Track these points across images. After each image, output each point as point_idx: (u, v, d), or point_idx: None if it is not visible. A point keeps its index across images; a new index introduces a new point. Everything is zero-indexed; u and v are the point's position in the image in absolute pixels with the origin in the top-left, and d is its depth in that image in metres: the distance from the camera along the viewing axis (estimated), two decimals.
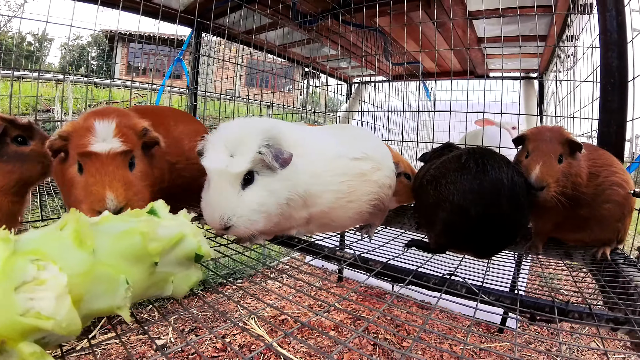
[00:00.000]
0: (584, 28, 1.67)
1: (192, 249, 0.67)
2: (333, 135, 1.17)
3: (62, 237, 0.54)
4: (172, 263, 0.65)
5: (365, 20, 2.06)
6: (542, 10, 1.83)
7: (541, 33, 2.25)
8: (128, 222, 0.62)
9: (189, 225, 0.69)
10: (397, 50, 2.67)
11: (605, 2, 1.21)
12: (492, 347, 2.43)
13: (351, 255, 1.06)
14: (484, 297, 0.86)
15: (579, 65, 1.76)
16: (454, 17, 1.96)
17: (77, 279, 0.51)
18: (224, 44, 2.66)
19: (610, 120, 1.23)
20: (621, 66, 1.20)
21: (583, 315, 0.79)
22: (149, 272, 0.60)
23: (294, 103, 3.77)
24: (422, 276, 0.96)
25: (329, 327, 2.57)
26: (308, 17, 2.11)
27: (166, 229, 0.64)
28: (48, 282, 0.47)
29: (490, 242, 0.97)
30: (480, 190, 0.92)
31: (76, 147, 0.82)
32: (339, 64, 3.41)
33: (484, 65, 2.89)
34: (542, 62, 2.83)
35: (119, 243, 0.58)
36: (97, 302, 0.54)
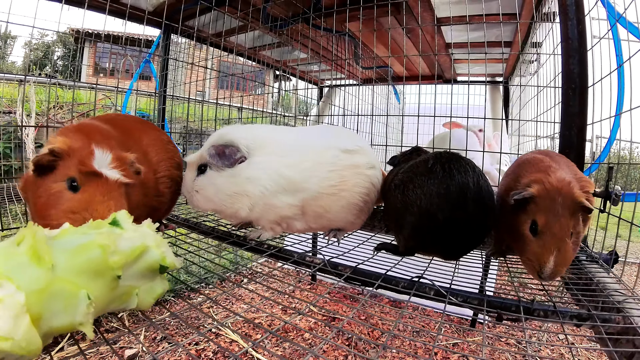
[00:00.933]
0: (547, 35, 1.74)
1: (156, 260, 0.66)
2: (322, 132, 1.25)
3: (18, 254, 0.52)
4: (135, 276, 0.64)
5: (335, 25, 2.08)
6: (507, 18, 1.90)
7: (506, 39, 2.33)
8: (88, 234, 0.61)
9: (153, 235, 0.68)
10: (367, 54, 2.70)
11: (567, 11, 1.26)
12: (464, 341, 2.50)
13: (320, 260, 1.08)
14: (452, 298, 0.89)
15: (543, 70, 1.83)
16: (422, 23, 2.00)
17: (35, 296, 0.49)
18: (193, 45, 2.63)
19: (571, 123, 1.27)
20: (582, 72, 1.25)
21: (548, 313, 0.83)
22: (111, 286, 0.59)
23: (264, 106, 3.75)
24: (392, 280, 0.98)
25: (304, 329, 2.58)
26: (279, 20, 2.11)
27: (128, 241, 0.63)
28: (4, 300, 0.46)
29: (457, 244, 0.98)
30: (446, 194, 0.93)
31: (79, 166, 0.83)
32: (310, 67, 3.43)
33: (452, 69, 2.97)
34: (507, 67, 2.93)
35: (78, 257, 0.56)
36: (58, 319, 0.52)
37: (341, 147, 1.14)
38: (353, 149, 1.15)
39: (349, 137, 1.22)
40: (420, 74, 2.77)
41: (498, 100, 3.17)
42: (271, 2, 1.99)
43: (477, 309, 0.87)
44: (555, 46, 1.54)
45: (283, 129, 1.27)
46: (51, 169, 0.83)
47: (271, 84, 5.04)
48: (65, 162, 0.83)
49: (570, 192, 0.85)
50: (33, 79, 4.79)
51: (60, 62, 14.97)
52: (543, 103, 1.79)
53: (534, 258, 0.86)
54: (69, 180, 0.82)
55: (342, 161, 1.12)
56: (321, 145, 1.14)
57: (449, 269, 1.11)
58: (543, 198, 0.86)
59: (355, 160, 1.15)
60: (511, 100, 3.11)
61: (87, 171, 0.83)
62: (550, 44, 1.68)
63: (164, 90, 2.37)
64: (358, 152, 1.16)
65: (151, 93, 3.07)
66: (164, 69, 2.34)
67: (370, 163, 1.18)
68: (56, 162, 0.83)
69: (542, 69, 1.86)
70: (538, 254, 0.85)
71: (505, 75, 3.13)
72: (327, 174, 1.10)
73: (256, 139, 1.09)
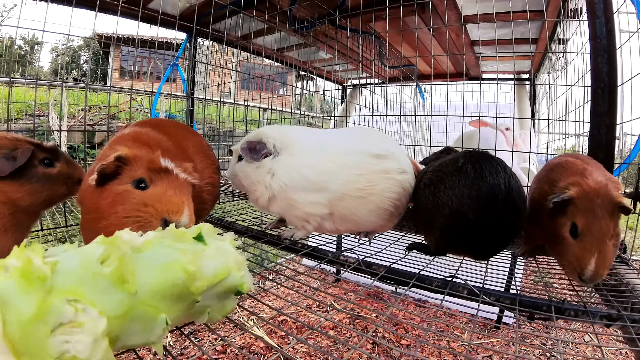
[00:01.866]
0: (574, 33, 1.71)
1: (235, 285, 0.64)
2: (351, 136, 1.26)
3: (103, 275, 0.50)
4: (211, 297, 0.62)
5: (360, 25, 2.09)
6: (534, 15, 1.87)
7: (533, 36, 2.29)
8: (172, 249, 0.59)
9: (234, 255, 0.66)
10: (391, 53, 2.70)
11: (595, 9, 1.23)
12: (489, 343, 2.47)
13: (355, 259, 1.10)
14: (485, 297, 0.90)
15: (571, 66, 1.80)
16: (448, 22, 1.99)
17: (116, 321, 0.49)
18: (218, 48, 2.68)
19: (600, 123, 1.24)
20: (610, 71, 1.22)
21: (578, 312, 0.83)
22: (188, 307, 0.58)
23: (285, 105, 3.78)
24: (425, 279, 0.99)
25: (328, 327, 2.60)
26: (305, 22, 2.13)
27: (211, 263, 0.61)
28: (85, 325, 0.45)
29: (488, 245, 0.99)
30: (478, 195, 0.93)
31: (147, 164, 0.84)
32: (334, 67, 3.44)
33: (478, 67, 2.93)
34: (534, 64, 2.87)
35: (161, 278, 0.54)
36: (134, 339, 0.52)
37: (370, 152, 1.15)
38: (383, 154, 1.16)
39: (380, 141, 1.22)
40: (446, 72, 2.74)
41: (525, 98, 3.10)
42: (297, 5, 2.01)
43: (510, 308, 0.88)
44: (583, 44, 1.51)
45: (313, 132, 1.30)
46: (114, 176, 0.83)
47: (294, 84, 5.08)
48: (131, 167, 0.83)
49: (609, 193, 0.84)
50: (68, 84, 4.95)
51: (86, 65, 15.45)
52: (571, 101, 1.76)
53: (575, 260, 0.85)
54: (136, 181, 0.82)
55: (371, 166, 1.14)
56: (348, 148, 1.16)
57: (478, 269, 1.11)
58: (582, 200, 0.86)
59: (386, 165, 1.15)
60: (538, 97, 3.05)
61: (157, 167, 0.84)
62: (578, 39, 1.65)
63: (192, 93, 2.42)
64: (388, 157, 1.16)
65: (178, 95, 3.15)
66: (191, 71, 2.40)
67: (401, 168, 1.18)
68: (120, 169, 0.83)
69: (570, 66, 1.82)
70: (579, 257, 0.84)
71: (532, 72, 3.07)
72: (353, 177, 1.12)
73: (284, 140, 1.17)
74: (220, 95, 2.58)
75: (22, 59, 8.23)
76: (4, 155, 0.83)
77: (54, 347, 0.43)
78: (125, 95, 5.26)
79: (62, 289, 0.47)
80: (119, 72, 13.16)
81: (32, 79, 4.45)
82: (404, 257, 1.18)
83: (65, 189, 0.97)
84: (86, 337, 0.45)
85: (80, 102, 5.20)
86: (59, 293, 0.46)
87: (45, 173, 0.91)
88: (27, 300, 0.43)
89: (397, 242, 1.38)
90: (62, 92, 4.30)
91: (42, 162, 0.91)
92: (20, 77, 5.13)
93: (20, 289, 0.44)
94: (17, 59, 7.12)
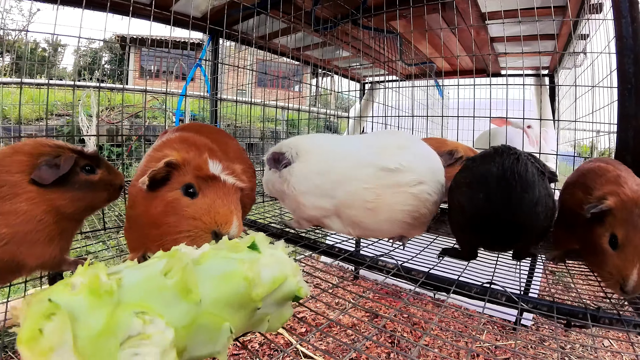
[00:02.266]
0: (597, 30, 1.68)
1: (292, 291, 0.65)
2: (365, 145, 1.25)
3: (167, 287, 0.52)
4: (271, 304, 0.63)
5: (381, 24, 2.09)
6: (555, 11, 1.84)
7: (553, 32, 2.26)
8: (230, 260, 0.61)
9: (289, 262, 0.67)
10: (411, 51, 2.69)
11: (620, 8, 1.21)
12: (507, 345, 2.45)
13: (394, 265, 1.12)
14: (524, 305, 0.90)
15: (592, 63, 1.77)
16: (468, 19, 1.98)
17: (183, 331, 0.50)
18: (240, 49, 2.71)
19: (627, 125, 1.22)
20: (637, 72, 1.19)
21: (613, 321, 0.84)
22: (250, 315, 0.59)
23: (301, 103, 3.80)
24: (464, 285, 0.99)
25: (347, 325, 2.61)
26: (329, 22, 2.15)
27: (268, 270, 0.62)
28: (153, 336, 0.46)
29: (504, 239, 0.98)
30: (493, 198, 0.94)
31: (195, 171, 0.83)
32: (352, 64, 3.45)
33: (497, 63, 2.90)
34: (553, 60, 2.83)
35: (222, 287, 0.56)
36: (200, 349, 0.53)
37: (382, 166, 1.13)
38: (395, 167, 1.13)
39: (397, 153, 1.18)
40: (465, 68, 2.72)
41: (544, 95, 3.05)
42: (319, 5, 2.03)
43: (547, 316, 0.89)
44: (608, 41, 1.47)
45: (328, 141, 1.31)
46: (164, 181, 0.84)
47: (310, 82, 5.09)
48: (180, 172, 0.83)
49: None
50: (105, 85, 5.05)
51: (107, 66, 15.78)
52: (594, 100, 1.72)
53: (616, 272, 0.83)
54: (185, 187, 0.82)
55: (380, 180, 1.13)
56: (360, 161, 1.17)
57: (511, 273, 1.12)
58: (621, 210, 0.84)
59: (397, 179, 1.13)
60: (558, 94, 3.00)
61: (205, 175, 0.83)
62: (601, 36, 1.62)
63: (215, 93, 2.46)
64: (402, 170, 1.13)
65: (200, 95, 3.19)
66: (214, 72, 2.44)
67: (417, 180, 1.14)
68: (170, 174, 0.84)
69: (591, 61, 1.79)
70: (620, 268, 0.82)
71: (551, 68, 3.01)
72: (360, 190, 1.13)
73: (299, 150, 1.25)
74: (238, 94, 2.61)
75: (47, 61, 8.46)
76: (47, 163, 0.83)
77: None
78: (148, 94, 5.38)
79: (129, 302, 0.48)
80: (138, 72, 13.41)
81: (68, 82, 4.57)
82: (439, 263, 1.20)
83: (107, 195, 0.98)
84: (155, 348, 0.45)
85: (103, 103, 5.33)
86: (126, 307, 0.47)
87: (87, 180, 0.92)
88: (96, 315, 0.45)
89: (430, 246, 1.40)
90: (89, 94, 4.41)
91: (83, 169, 0.92)
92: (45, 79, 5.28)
93: (89, 304, 0.45)
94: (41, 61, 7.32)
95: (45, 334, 0.42)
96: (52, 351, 0.41)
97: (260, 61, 3.04)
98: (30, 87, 4.21)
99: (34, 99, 4.07)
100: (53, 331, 0.42)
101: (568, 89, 2.23)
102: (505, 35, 2.10)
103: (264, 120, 2.38)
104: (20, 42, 6.97)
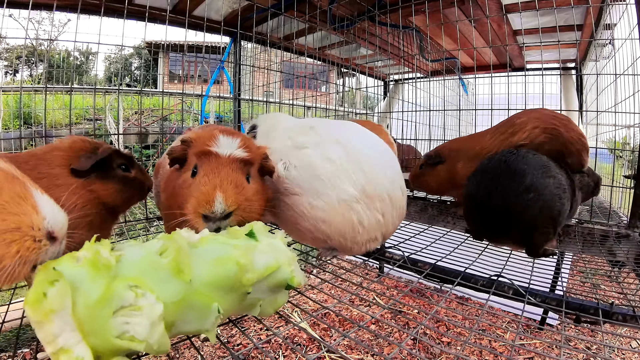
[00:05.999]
0: (621, 17, 1.62)
1: (285, 279, 0.67)
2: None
3: (161, 265, 0.56)
4: (263, 290, 0.65)
5: (400, 20, 2.10)
6: (577, 1, 1.79)
7: (577, 23, 2.19)
8: (226, 245, 0.64)
9: (285, 251, 0.68)
10: (433, 47, 2.68)
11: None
12: (531, 344, 2.39)
13: (400, 256, 1.12)
14: (531, 298, 0.90)
15: (619, 55, 1.71)
16: (489, 12, 1.95)
17: (172, 307, 0.53)
18: (262, 49, 2.77)
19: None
20: None
21: (627, 317, 0.82)
22: (240, 299, 0.62)
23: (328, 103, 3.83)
24: (470, 277, 1.00)
25: (370, 322, 2.62)
26: (345, 20, 2.17)
27: (262, 257, 0.64)
28: (144, 309, 0.50)
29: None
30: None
31: (195, 148, 0.82)
32: (375, 63, 3.45)
33: (522, 57, 2.84)
34: (580, 52, 2.74)
35: (215, 270, 0.59)
36: (188, 326, 0.56)
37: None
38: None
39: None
40: (489, 63, 2.67)
41: (571, 88, 2.96)
42: (336, 3, 2.05)
43: (556, 310, 0.87)
44: (631, 29, 1.43)
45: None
46: (183, 162, 0.85)
47: (335, 82, 5.11)
48: (192, 149, 0.83)
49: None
50: (123, 90, 5.26)
51: (137, 72, 16.32)
52: (620, 90, 1.67)
53: None
54: (194, 167, 0.81)
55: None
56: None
57: (525, 267, 1.10)
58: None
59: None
60: (585, 87, 2.90)
61: (200, 151, 0.81)
62: (626, 25, 1.57)
63: (238, 94, 2.52)
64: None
65: (224, 97, 3.27)
66: (236, 73, 2.50)
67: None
68: (186, 152, 0.85)
69: (619, 53, 1.73)
70: None
71: (578, 60, 2.92)
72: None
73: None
74: (266, 95, 2.67)
75: (79, 68, 8.83)
76: (85, 155, 0.88)
77: (115, 328, 0.49)
78: (176, 97, 5.54)
79: (125, 276, 0.53)
80: (168, 76, 13.78)
81: (90, 87, 4.76)
82: (449, 254, 1.19)
83: (138, 194, 1.04)
84: (144, 320, 0.50)
85: (134, 106, 5.53)
86: (122, 280, 0.52)
87: (125, 176, 0.98)
88: (94, 285, 0.50)
89: (442, 239, 1.39)
90: (107, 98, 4.60)
91: (120, 166, 0.98)
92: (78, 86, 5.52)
93: (89, 275, 0.51)
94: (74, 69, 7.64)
95: (48, 298, 0.47)
96: (54, 313, 0.47)
97: (285, 62, 3.09)
98: (62, 93, 4.41)
99: (66, 104, 4.27)
100: (55, 296, 0.47)
101: (594, 82, 2.16)
102: (523, 28, 2.06)
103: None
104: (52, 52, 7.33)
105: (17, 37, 7.11)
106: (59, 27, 11.63)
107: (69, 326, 0.47)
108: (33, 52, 3.84)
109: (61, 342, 0.47)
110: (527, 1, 1.90)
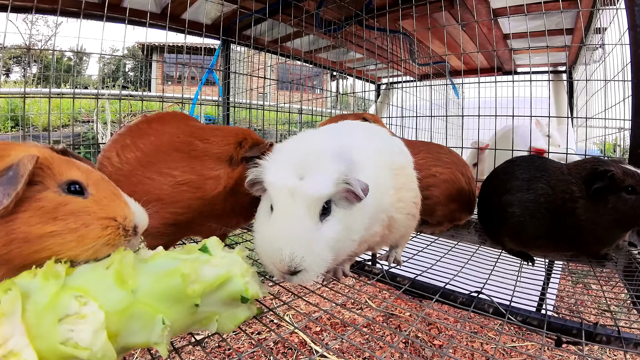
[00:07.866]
0: (611, 21, 1.63)
1: (238, 290, 0.67)
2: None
3: (105, 276, 0.59)
4: (216, 303, 0.66)
5: (388, 24, 2.09)
6: (567, 5, 1.79)
7: (568, 27, 2.20)
8: (176, 260, 0.65)
9: (240, 263, 0.69)
10: (423, 51, 2.68)
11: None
12: (523, 347, 2.40)
13: (379, 270, 1.11)
14: (512, 318, 0.87)
15: (609, 58, 1.71)
16: (477, 15, 1.95)
17: (115, 316, 0.55)
18: (255, 52, 2.76)
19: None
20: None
21: (611, 338, 0.79)
22: (189, 311, 0.62)
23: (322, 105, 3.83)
24: (450, 294, 0.97)
25: (362, 325, 2.61)
26: (332, 24, 2.17)
27: (212, 269, 0.65)
28: (88, 317, 0.53)
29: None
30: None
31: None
32: (366, 66, 3.45)
33: (512, 61, 2.85)
34: (570, 55, 2.75)
35: (160, 283, 0.61)
36: (134, 337, 0.57)
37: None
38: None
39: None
40: (479, 67, 2.68)
41: (562, 91, 2.97)
42: (323, 7, 2.04)
43: (536, 331, 0.85)
44: (621, 33, 1.42)
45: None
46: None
47: (328, 85, 5.11)
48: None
49: None
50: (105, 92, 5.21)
51: (131, 73, 16.23)
52: (610, 95, 1.67)
53: None
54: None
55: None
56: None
57: (509, 283, 1.08)
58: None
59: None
60: (576, 90, 2.91)
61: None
62: (616, 29, 1.57)
63: (227, 98, 2.51)
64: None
65: (215, 100, 3.25)
66: (225, 77, 2.49)
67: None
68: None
69: (609, 57, 1.73)
70: None
71: (568, 63, 2.93)
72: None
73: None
74: (252, 98, 2.66)
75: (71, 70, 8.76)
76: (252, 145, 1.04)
77: (61, 334, 0.51)
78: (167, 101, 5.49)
79: (72, 286, 0.56)
80: (161, 77, 13.69)
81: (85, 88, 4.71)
82: (431, 267, 1.17)
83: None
84: (88, 327, 0.52)
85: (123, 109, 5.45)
86: (68, 289, 0.55)
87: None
88: (43, 293, 0.54)
89: (425, 249, 1.38)
90: (103, 101, 4.55)
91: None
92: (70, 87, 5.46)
93: (40, 285, 0.55)
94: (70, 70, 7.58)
95: (1, 303, 0.51)
96: (4, 317, 0.50)
97: (281, 63, 3.08)
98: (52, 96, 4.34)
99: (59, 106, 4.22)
100: (7, 301, 0.51)
101: (584, 86, 2.17)
102: (512, 32, 2.07)
103: (277, 122, 2.41)
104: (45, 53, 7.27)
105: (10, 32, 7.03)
106: (52, 27, 11.56)
107: (19, 330, 0.50)
108: (27, 52, 3.82)
109: (11, 345, 0.49)
110: (516, 5, 1.90)
